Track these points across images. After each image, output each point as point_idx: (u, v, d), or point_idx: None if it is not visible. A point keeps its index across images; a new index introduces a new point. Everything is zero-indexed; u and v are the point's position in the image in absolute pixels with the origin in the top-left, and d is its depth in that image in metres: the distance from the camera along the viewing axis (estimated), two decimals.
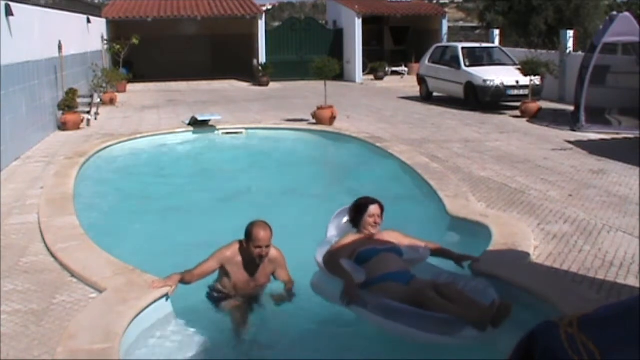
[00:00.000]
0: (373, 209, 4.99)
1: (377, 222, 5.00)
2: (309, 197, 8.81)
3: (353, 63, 24.74)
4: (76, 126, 13.11)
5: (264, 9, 30.08)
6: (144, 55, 23.77)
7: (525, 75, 15.06)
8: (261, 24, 24.79)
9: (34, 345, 4.06)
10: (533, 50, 17.90)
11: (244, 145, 12.65)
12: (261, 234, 4.72)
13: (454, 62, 17.22)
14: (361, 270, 4.71)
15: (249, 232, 4.77)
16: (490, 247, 5.66)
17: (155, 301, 4.64)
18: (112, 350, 3.87)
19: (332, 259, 4.83)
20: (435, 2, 38.21)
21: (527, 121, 14.04)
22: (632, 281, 5.06)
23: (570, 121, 13.24)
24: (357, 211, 5.07)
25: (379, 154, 10.72)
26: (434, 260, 5.19)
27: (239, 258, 4.82)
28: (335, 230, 5.37)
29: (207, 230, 6.93)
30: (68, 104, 13.01)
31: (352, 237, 5.05)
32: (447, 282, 4.56)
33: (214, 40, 27.36)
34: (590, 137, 11.93)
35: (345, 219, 5.31)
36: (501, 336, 4.02)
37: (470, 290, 4.42)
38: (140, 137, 12.37)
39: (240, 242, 4.86)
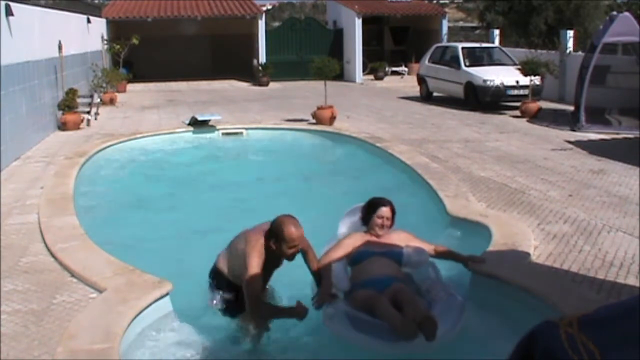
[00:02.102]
0: (383, 210, 4.98)
1: (385, 225, 4.98)
2: (308, 197, 8.81)
3: (353, 63, 24.72)
4: (76, 126, 13.11)
5: (264, 9, 30.06)
6: (144, 55, 23.76)
7: (525, 75, 15.06)
8: (261, 24, 24.79)
9: (34, 345, 4.07)
10: (533, 50, 17.89)
11: (244, 145, 12.64)
12: (294, 233, 4.16)
13: (454, 62, 17.21)
14: (346, 280, 4.70)
15: (279, 233, 4.17)
16: (490, 247, 5.66)
17: (155, 301, 4.64)
18: (112, 350, 3.87)
19: (325, 260, 4.82)
20: (435, 2, 38.20)
21: (527, 121, 14.04)
22: (632, 281, 5.06)
23: (570, 121, 13.24)
24: (368, 210, 5.07)
25: (379, 154, 10.72)
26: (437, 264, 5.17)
27: (264, 257, 4.25)
28: (346, 227, 5.40)
29: (207, 230, 6.94)
30: (68, 104, 13.01)
31: (354, 236, 5.04)
32: (428, 289, 4.56)
33: (214, 40, 27.35)
34: (590, 137, 11.93)
35: (357, 216, 5.31)
36: (501, 336, 4.02)
37: (437, 301, 4.37)
38: (140, 137, 12.37)
39: (265, 239, 4.27)
